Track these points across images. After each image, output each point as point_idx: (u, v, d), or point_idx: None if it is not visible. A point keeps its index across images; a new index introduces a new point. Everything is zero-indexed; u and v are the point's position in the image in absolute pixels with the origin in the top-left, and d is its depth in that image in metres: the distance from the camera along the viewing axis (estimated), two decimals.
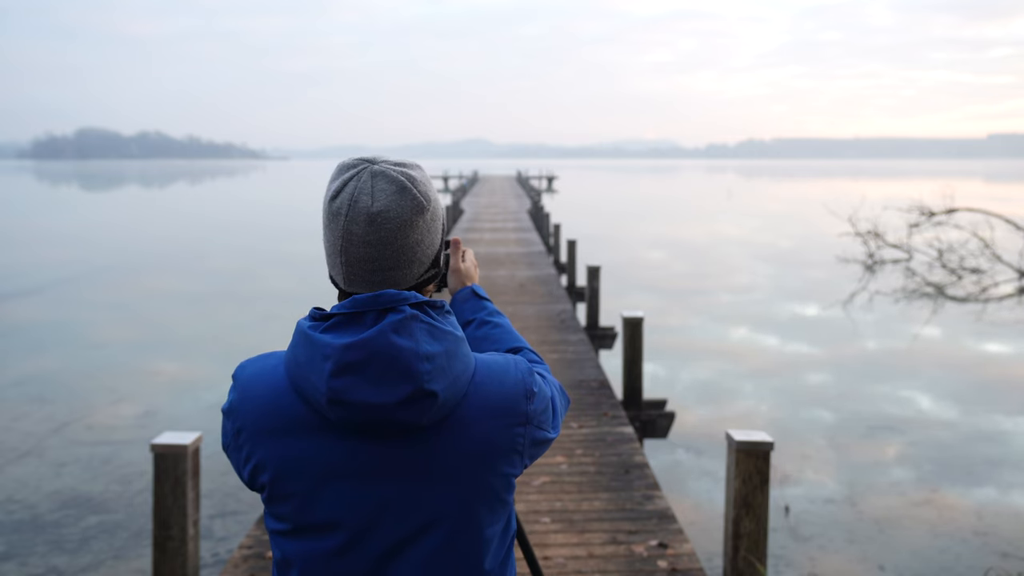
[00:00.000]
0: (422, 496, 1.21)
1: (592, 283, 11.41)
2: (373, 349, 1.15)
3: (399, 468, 1.20)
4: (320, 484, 1.20)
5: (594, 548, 4.19)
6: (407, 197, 1.23)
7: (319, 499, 1.20)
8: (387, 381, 1.15)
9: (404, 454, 1.20)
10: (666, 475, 7.36)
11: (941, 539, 6.40)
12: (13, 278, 20.59)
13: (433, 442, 1.20)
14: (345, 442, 1.19)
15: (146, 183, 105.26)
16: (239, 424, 1.23)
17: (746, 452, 3.82)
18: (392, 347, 1.15)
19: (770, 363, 12.36)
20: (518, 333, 1.53)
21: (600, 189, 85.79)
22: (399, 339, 1.16)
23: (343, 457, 1.20)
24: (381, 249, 1.22)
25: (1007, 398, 10.62)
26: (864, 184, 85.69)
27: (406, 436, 1.19)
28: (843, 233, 25.35)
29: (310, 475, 1.20)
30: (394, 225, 1.22)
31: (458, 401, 1.21)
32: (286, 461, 1.20)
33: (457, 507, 1.22)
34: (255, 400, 1.23)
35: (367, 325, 1.17)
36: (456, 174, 79.07)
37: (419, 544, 1.21)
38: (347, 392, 1.15)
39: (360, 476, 1.20)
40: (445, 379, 1.18)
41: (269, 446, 1.21)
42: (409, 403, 1.16)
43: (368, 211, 1.21)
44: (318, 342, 1.17)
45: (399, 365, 1.15)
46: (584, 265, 12.30)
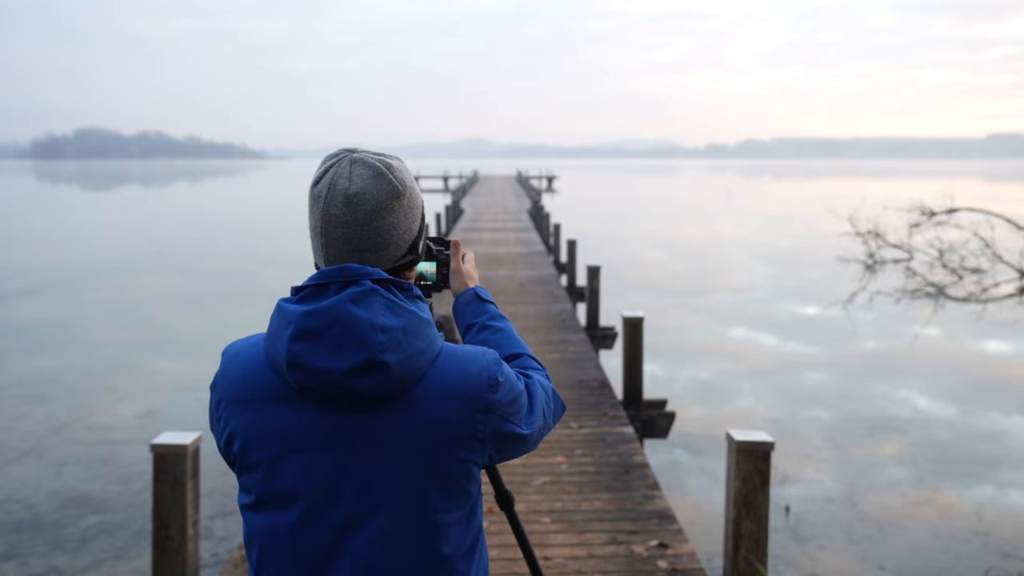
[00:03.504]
0: (375, 472, 1.23)
1: (592, 283, 11.41)
2: (330, 317, 1.20)
3: (355, 441, 1.23)
4: (283, 453, 1.24)
5: (594, 548, 4.19)
6: (383, 181, 1.28)
7: (281, 468, 1.24)
8: (341, 349, 1.19)
9: (360, 427, 1.23)
10: (666, 475, 7.35)
11: (941, 539, 6.40)
12: (13, 278, 20.58)
13: (388, 417, 1.23)
14: (307, 412, 1.24)
15: (146, 183, 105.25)
16: (219, 395, 1.30)
17: (746, 452, 3.81)
18: (348, 316, 1.20)
19: (770, 363, 12.36)
20: (520, 338, 1.53)
21: (600, 189, 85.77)
22: (356, 308, 1.20)
23: (304, 426, 1.24)
24: (357, 229, 1.28)
25: (1007, 398, 10.61)
26: (864, 184, 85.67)
27: (363, 409, 1.23)
28: (843, 233, 25.34)
29: (274, 444, 1.25)
30: (369, 207, 1.27)
31: (416, 379, 1.24)
32: (254, 429, 1.26)
33: (409, 486, 1.24)
34: (234, 372, 1.29)
35: (329, 295, 1.23)
36: (456, 174, 79.05)
37: (372, 521, 1.23)
38: (303, 356, 1.20)
39: (318, 447, 1.23)
40: (400, 353, 1.21)
41: (241, 415, 1.27)
42: (361, 371, 1.19)
43: (345, 192, 1.27)
44: (285, 311, 1.23)
45: (353, 334, 1.19)
46: (584, 265, 12.29)
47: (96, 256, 25.74)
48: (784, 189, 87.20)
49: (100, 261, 24.48)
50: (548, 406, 1.42)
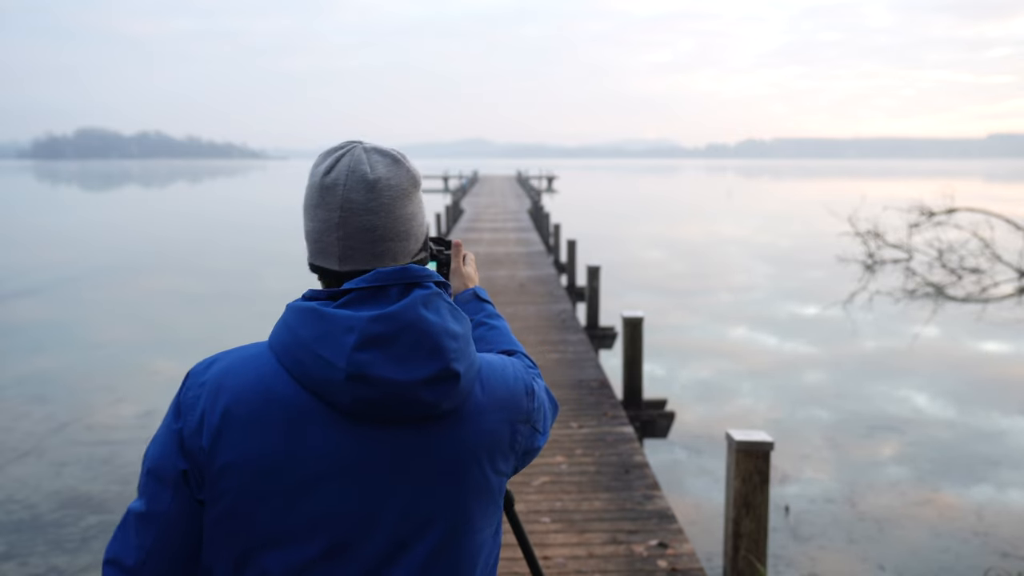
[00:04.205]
0: (424, 491, 1.13)
1: (592, 283, 11.41)
2: (402, 323, 1.08)
3: (403, 460, 1.12)
4: (314, 479, 1.10)
5: (594, 548, 4.19)
6: (403, 169, 1.20)
7: (310, 497, 1.09)
8: (415, 357, 1.08)
9: (410, 444, 1.12)
10: (666, 475, 7.36)
11: (941, 539, 6.40)
12: (13, 278, 20.59)
13: (437, 433, 1.13)
14: (348, 430, 1.10)
15: (146, 183, 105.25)
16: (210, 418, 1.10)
17: (746, 452, 3.82)
18: (422, 321, 1.09)
19: (770, 363, 12.36)
20: (514, 337, 1.50)
21: (600, 189, 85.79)
22: (428, 314, 1.10)
23: (344, 447, 1.10)
24: (383, 217, 1.16)
25: (1007, 398, 10.61)
26: (864, 184, 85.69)
27: (410, 425, 1.12)
28: (843, 233, 25.35)
29: (298, 470, 1.09)
30: (395, 192, 1.17)
31: (470, 390, 1.16)
32: (272, 453, 1.09)
33: (454, 505, 1.15)
34: (238, 389, 1.11)
35: (392, 299, 1.11)
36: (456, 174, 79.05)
37: (417, 546, 1.13)
38: (370, 367, 1.06)
39: (360, 470, 1.10)
40: (466, 362, 1.13)
41: (252, 437, 1.09)
42: (435, 382, 1.09)
43: (367, 178, 1.15)
44: (335, 316, 1.09)
45: (428, 341, 1.09)
46: (584, 265, 12.30)
47: (96, 256, 25.74)
48: (784, 189, 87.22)
49: (100, 261, 24.49)
50: (551, 409, 1.39)
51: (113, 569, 1.14)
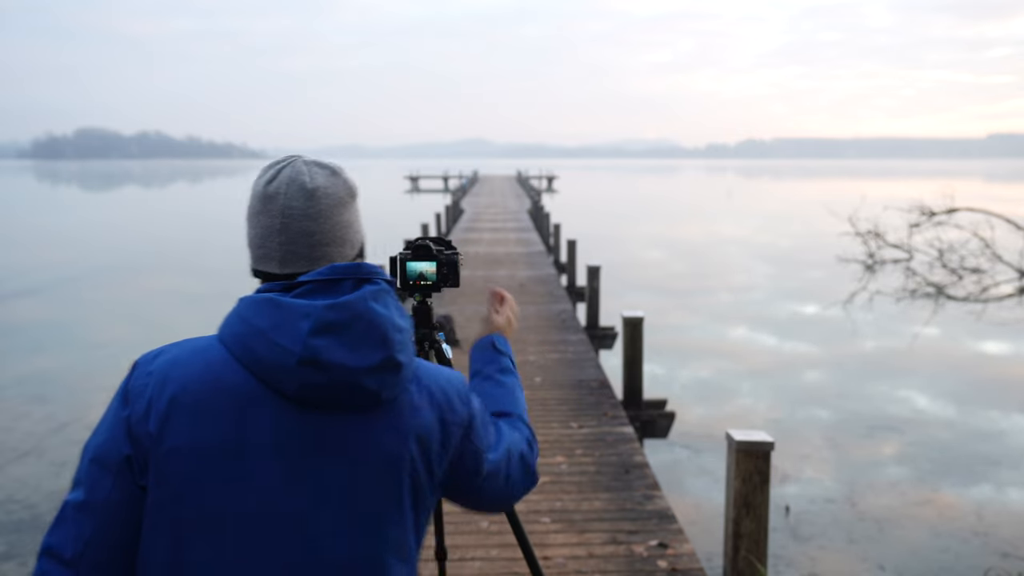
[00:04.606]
0: (362, 478, 1.18)
1: (592, 283, 11.41)
2: (354, 312, 1.15)
3: (344, 447, 1.17)
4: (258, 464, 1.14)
5: (594, 548, 4.19)
6: (340, 179, 1.28)
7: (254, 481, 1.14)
8: (364, 345, 1.15)
9: (351, 431, 1.18)
10: (666, 475, 7.35)
11: (941, 539, 6.40)
12: (13, 278, 20.58)
13: (377, 422, 1.19)
14: (293, 417, 1.15)
15: (146, 183, 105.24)
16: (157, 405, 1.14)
17: (746, 452, 3.81)
18: (372, 313, 1.17)
19: (770, 363, 12.36)
20: (521, 397, 1.49)
21: (600, 189, 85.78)
22: (377, 306, 1.18)
23: (289, 434, 1.15)
24: (321, 223, 1.24)
25: (1007, 398, 10.61)
26: (864, 184, 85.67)
27: (356, 412, 1.18)
28: (843, 233, 25.34)
29: (247, 454, 1.13)
30: (332, 200, 1.25)
31: (407, 384, 1.22)
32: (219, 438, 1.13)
33: (390, 495, 1.20)
34: (186, 378, 1.15)
35: (345, 292, 1.18)
36: (456, 174, 79.02)
37: (350, 530, 1.17)
38: (324, 352, 1.12)
39: (303, 456, 1.15)
40: (408, 355, 1.21)
41: (199, 423, 1.13)
42: (380, 370, 1.16)
43: (306, 187, 1.23)
44: (291, 304, 1.15)
45: (377, 331, 1.16)
46: (584, 265, 12.29)
47: (96, 256, 25.74)
48: (784, 189, 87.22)
49: (100, 261, 24.48)
50: (514, 459, 1.38)
51: (50, 561, 1.14)
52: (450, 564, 3.94)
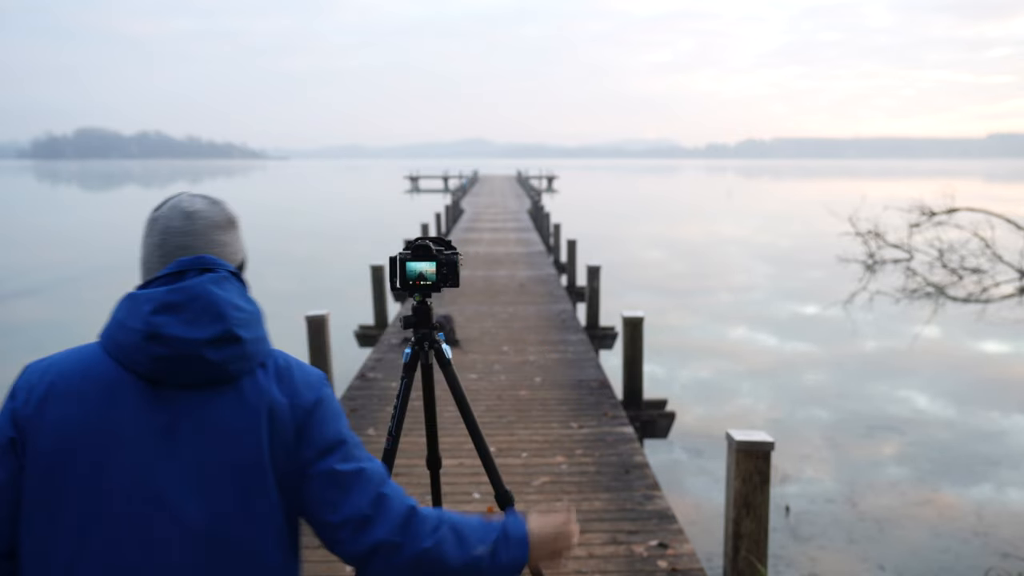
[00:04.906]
0: (215, 453, 1.29)
1: (592, 283, 11.40)
2: (192, 294, 1.31)
3: (198, 423, 1.29)
4: (120, 441, 1.26)
5: (594, 548, 4.19)
6: (218, 207, 1.47)
7: (116, 458, 1.26)
8: (201, 321, 1.29)
9: (205, 407, 1.30)
10: (666, 475, 7.35)
11: (941, 539, 6.40)
12: (13, 278, 20.58)
13: (228, 398, 1.31)
14: (152, 397, 1.29)
15: (146, 183, 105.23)
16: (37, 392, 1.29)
17: (746, 452, 3.81)
18: (209, 293, 1.32)
19: (770, 363, 12.36)
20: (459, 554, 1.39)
21: (600, 189, 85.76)
22: (216, 289, 1.33)
23: (148, 412, 1.28)
24: (195, 239, 1.41)
25: (1007, 398, 10.61)
26: (864, 184, 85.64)
27: (209, 388, 1.31)
28: (843, 233, 25.34)
29: (110, 432, 1.26)
30: (208, 222, 1.43)
31: (259, 364, 1.36)
32: (85, 419, 1.27)
33: (241, 469, 1.30)
34: (63, 371, 1.31)
35: (188, 279, 1.34)
36: (456, 174, 79.01)
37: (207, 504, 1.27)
38: (163, 327, 1.27)
39: (160, 433, 1.28)
40: (251, 332, 1.35)
41: (69, 405, 1.27)
42: (218, 343, 1.29)
43: (185, 210, 1.43)
44: (140, 295, 1.32)
45: (213, 309, 1.31)
46: (584, 265, 12.29)
47: (96, 256, 25.74)
48: (784, 189, 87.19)
49: (100, 261, 24.48)
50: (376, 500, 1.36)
51: None
52: None
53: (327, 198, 63.97)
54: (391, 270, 2.78)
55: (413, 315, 2.81)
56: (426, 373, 2.85)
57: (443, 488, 4.31)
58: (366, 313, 12.03)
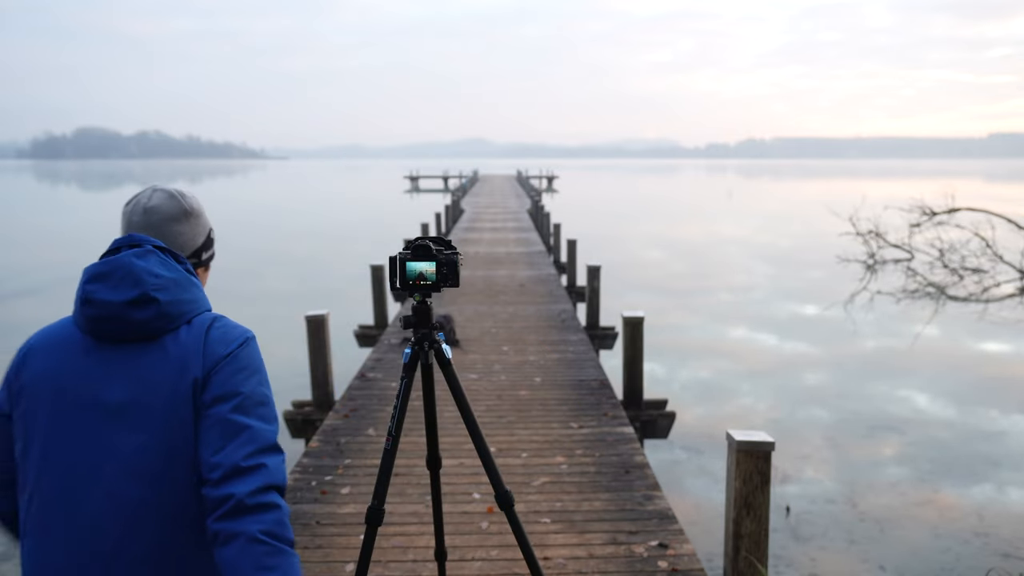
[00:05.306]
0: (143, 394, 1.56)
1: (592, 283, 11.40)
2: (116, 265, 1.61)
3: (131, 370, 1.58)
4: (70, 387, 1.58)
5: (594, 548, 4.18)
6: (175, 200, 1.77)
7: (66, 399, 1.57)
8: (122, 287, 1.59)
9: (135, 359, 1.58)
10: (666, 475, 7.35)
11: (942, 539, 6.39)
12: (13, 278, 20.58)
13: (159, 350, 1.59)
14: (94, 351, 1.60)
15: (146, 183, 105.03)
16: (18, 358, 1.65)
17: (747, 452, 3.80)
18: (130, 264, 1.61)
19: (770, 363, 12.35)
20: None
21: (600, 189, 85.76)
22: (136, 260, 1.62)
23: (93, 362, 1.59)
24: (150, 230, 1.74)
25: (1008, 398, 10.60)
26: (864, 184, 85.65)
27: (138, 343, 1.60)
28: (843, 233, 25.33)
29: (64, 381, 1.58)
30: (161, 216, 1.75)
31: (182, 322, 1.63)
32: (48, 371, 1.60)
33: (166, 407, 1.55)
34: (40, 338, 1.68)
35: (119, 255, 1.64)
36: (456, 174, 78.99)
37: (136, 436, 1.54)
38: (93, 293, 1.59)
39: (101, 377, 1.58)
40: (169, 295, 1.61)
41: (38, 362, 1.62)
42: (137, 304, 1.58)
43: (144, 206, 1.75)
44: (84, 270, 1.65)
45: (132, 276, 1.60)
46: (584, 265, 12.29)
47: (96, 256, 25.64)
48: (784, 189, 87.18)
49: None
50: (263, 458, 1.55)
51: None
52: (450, 564, 3.93)
53: (327, 198, 63.96)
54: (391, 270, 2.78)
55: (413, 315, 2.81)
56: (426, 373, 2.85)
57: (443, 488, 4.30)
58: (366, 313, 12.03)
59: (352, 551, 4.10)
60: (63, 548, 1.54)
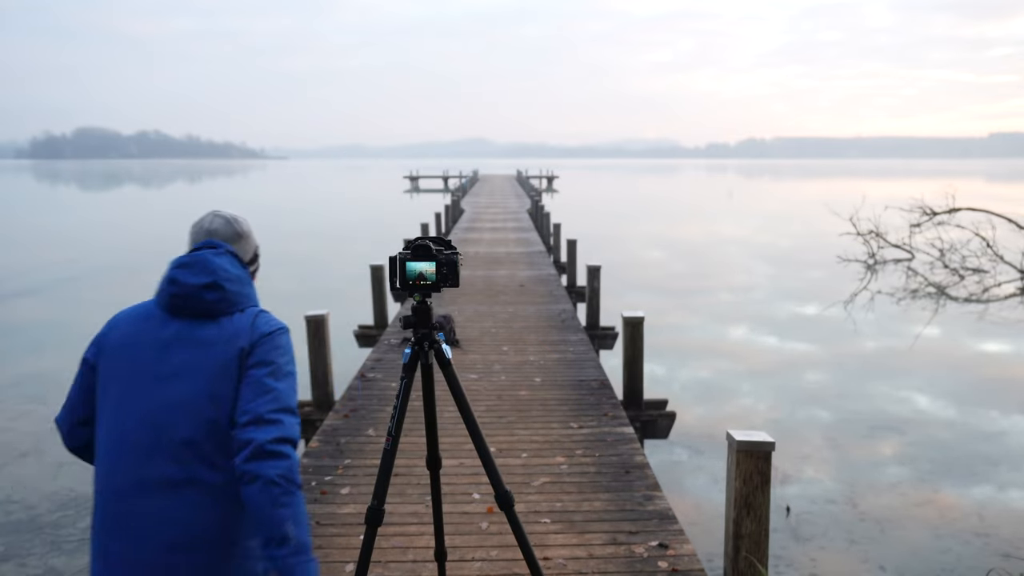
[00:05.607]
0: (205, 358, 2.01)
1: (592, 283, 11.39)
2: (197, 258, 2.12)
3: (197, 340, 2.04)
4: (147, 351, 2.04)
5: (594, 549, 4.18)
6: (230, 225, 2.27)
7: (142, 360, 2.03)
8: (200, 274, 2.08)
9: (202, 330, 2.05)
10: (666, 475, 7.34)
11: (942, 539, 6.39)
12: (13, 278, 20.57)
13: (221, 325, 2.06)
14: (170, 323, 2.07)
15: (145, 183, 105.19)
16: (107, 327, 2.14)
17: (747, 452, 3.80)
18: (207, 259, 2.12)
19: (770, 363, 12.35)
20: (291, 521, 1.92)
21: (600, 189, 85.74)
22: (213, 257, 2.13)
23: (167, 332, 2.05)
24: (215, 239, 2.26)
25: (1008, 398, 10.60)
26: (865, 183, 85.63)
27: (205, 319, 2.06)
28: (844, 233, 25.32)
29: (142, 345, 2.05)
30: (219, 237, 2.24)
31: (239, 308, 2.10)
32: (127, 337, 2.07)
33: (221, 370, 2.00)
34: (123, 314, 2.15)
35: (199, 253, 2.15)
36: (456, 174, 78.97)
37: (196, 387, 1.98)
38: (178, 276, 2.08)
39: (173, 342, 2.04)
40: (233, 286, 2.12)
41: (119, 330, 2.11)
42: (208, 288, 2.07)
43: (207, 228, 2.26)
44: (171, 261, 2.14)
45: (208, 268, 2.10)
46: (584, 265, 12.28)
47: (96, 256, 25.73)
48: (784, 189, 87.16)
49: (100, 261, 24.47)
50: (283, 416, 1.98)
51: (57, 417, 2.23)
52: (450, 564, 3.93)
53: (327, 198, 63.96)
54: (391, 270, 2.77)
55: (413, 315, 2.80)
56: (426, 373, 2.84)
57: (443, 488, 4.30)
58: (366, 313, 12.02)
59: (352, 551, 4.10)
60: (121, 474, 1.98)
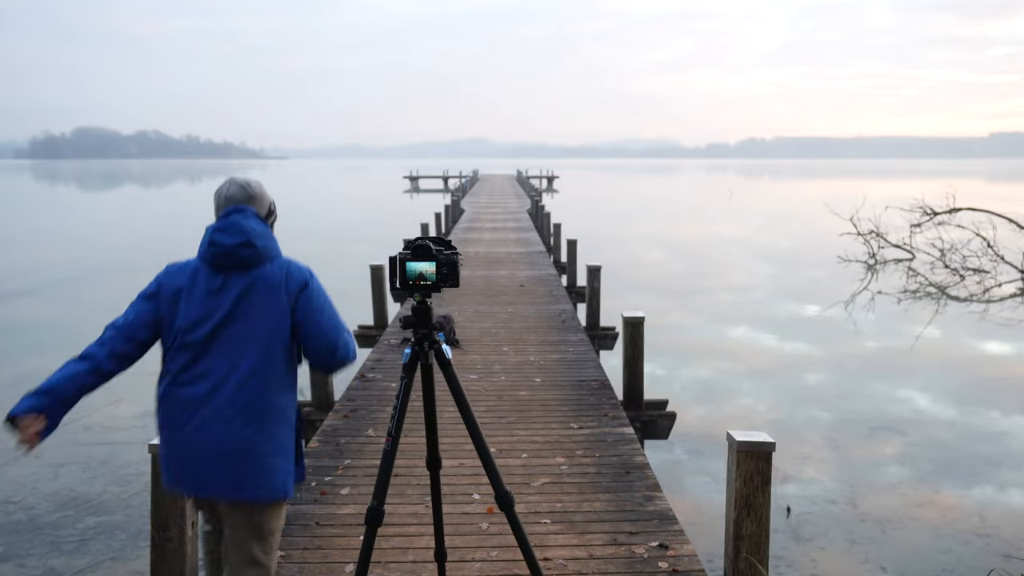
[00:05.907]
0: (250, 302, 2.68)
1: (592, 283, 11.38)
2: (229, 223, 2.72)
3: (238, 289, 2.68)
4: (197, 298, 2.69)
5: (594, 549, 4.17)
6: (244, 190, 2.81)
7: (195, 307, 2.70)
8: (234, 235, 2.68)
9: (241, 280, 2.68)
10: (666, 475, 7.33)
11: (943, 540, 6.38)
12: (13, 278, 20.56)
13: (254, 275, 2.70)
14: (214, 275, 2.69)
15: (145, 182, 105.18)
16: (162, 275, 2.79)
17: (747, 453, 3.79)
18: (238, 222, 2.72)
19: (771, 363, 12.34)
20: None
21: (600, 189, 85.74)
22: (242, 219, 2.73)
23: (213, 282, 2.69)
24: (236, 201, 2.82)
25: (1009, 398, 10.59)
26: (865, 183, 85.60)
27: (241, 270, 2.69)
28: (844, 233, 25.32)
29: (191, 293, 2.69)
30: (236, 200, 2.79)
31: (269, 260, 2.73)
32: (180, 285, 2.71)
33: (272, 315, 2.68)
34: (174, 266, 2.78)
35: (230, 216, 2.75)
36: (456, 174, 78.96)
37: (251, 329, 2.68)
38: (217, 238, 2.69)
39: (219, 294, 2.68)
40: (262, 241, 2.72)
41: (174, 279, 2.74)
42: (242, 246, 2.67)
43: (225, 194, 2.80)
44: (209, 227, 2.76)
45: (240, 229, 2.70)
46: (584, 265, 12.27)
47: (96, 256, 25.72)
48: (785, 189, 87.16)
49: (100, 261, 24.47)
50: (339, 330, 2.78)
51: (108, 327, 2.81)
52: (450, 565, 3.92)
53: (327, 198, 63.94)
54: (391, 270, 2.77)
55: (413, 315, 2.80)
56: (426, 373, 2.84)
57: (443, 489, 4.29)
58: (366, 313, 12.01)
59: (352, 552, 4.09)
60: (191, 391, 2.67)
